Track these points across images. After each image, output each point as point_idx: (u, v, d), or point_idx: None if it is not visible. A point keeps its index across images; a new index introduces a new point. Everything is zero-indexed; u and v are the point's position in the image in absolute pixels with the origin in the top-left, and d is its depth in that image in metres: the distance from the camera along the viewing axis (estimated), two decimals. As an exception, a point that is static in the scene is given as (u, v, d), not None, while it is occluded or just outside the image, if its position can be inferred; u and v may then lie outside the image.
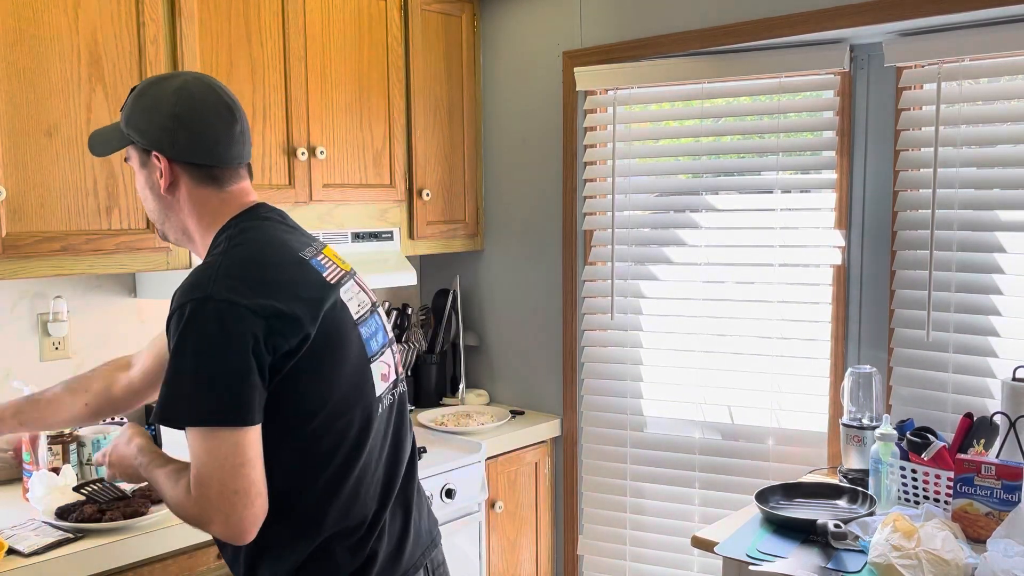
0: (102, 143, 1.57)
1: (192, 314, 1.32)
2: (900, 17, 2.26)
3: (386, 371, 1.55)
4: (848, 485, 2.24)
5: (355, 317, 1.49)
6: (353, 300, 1.51)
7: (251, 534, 1.36)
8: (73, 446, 2.23)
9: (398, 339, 3.08)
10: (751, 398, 2.68)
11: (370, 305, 1.56)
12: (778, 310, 2.62)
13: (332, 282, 1.47)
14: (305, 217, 2.59)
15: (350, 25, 2.68)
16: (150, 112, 1.47)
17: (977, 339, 2.31)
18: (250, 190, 1.56)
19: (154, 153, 1.47)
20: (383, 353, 1.55)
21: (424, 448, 2.64)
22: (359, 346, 1.48)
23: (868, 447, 2.26)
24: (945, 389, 2.36)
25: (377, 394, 1.51)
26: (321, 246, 1.56)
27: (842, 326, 2.54)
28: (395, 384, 1.59)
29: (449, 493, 2.58)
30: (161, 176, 1.48)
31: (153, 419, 1.39)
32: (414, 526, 1.58)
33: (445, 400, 3.21)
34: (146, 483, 1.59)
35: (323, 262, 1.50)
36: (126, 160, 1.56)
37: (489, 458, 2.77)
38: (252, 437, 1.33)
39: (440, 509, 2.52)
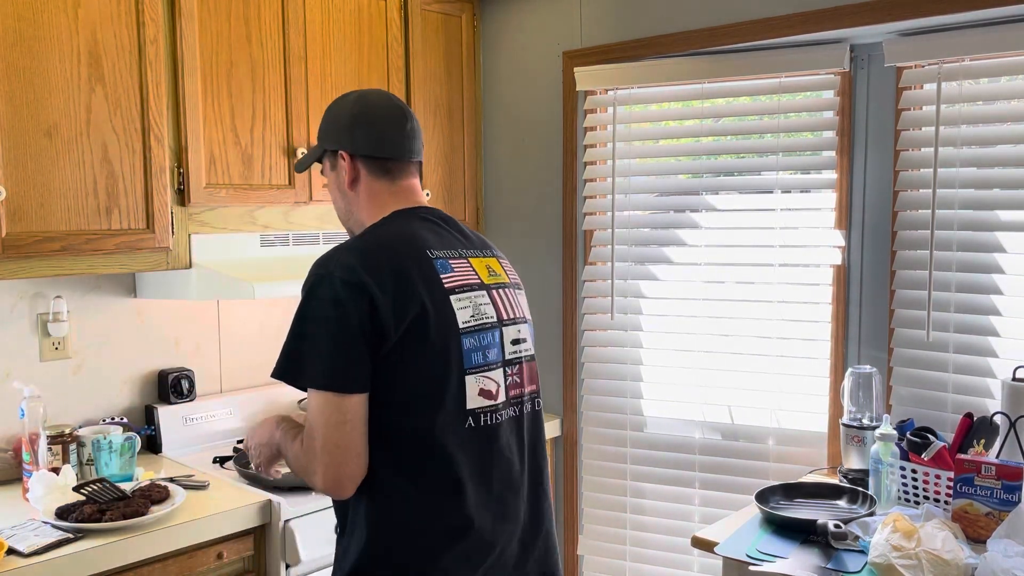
0: (301, 162, 1.79)
1: (313, 286, 1.49)
2: (900, 17, 2.26)
3: (492, 388, 1.57)
4: (848, 485, 2.24)
5: (461, 325, 1.53)
6: (467, 309, 1.55)
7: (348, 489, 1.49)
8: (73, 446, 2.23)
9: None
10: (751, 398, 2.68)
11: (495, 320, 1.60)
12: (778, 310, 2.62)
13: (447, 285, 1.54)
14: (305, 217, 2.60)
15: (350, 25, 2.68)
16: (336, 119, 1.67)
17: (977, 339, 2.31)
18: (418, 190, 1.69)
19: (340, 152, 1.65)
20: (491, 370, 1.57)
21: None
22: (455, 353, 1.51)
23: (868, 447, 2.26)
24: (945, 389, 2.36)
25: (469, 406, 1.53)
26: (471, 253, 1.65)
27: (842, 326, 2.54)
28: (509, 405, 1.60)
29: (449, 493, 2.58)
30: (346, 173, 1.65)
31: (273, 374, 1.52)
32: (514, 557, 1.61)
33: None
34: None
35: (453, 264, 1.58)
36: (322, 173, 1.73)
37: (489, 458, 2.77)
38: (353, 401, 1.45)
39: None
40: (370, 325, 1.45)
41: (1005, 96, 2.27)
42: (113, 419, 2.45)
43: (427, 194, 2.93)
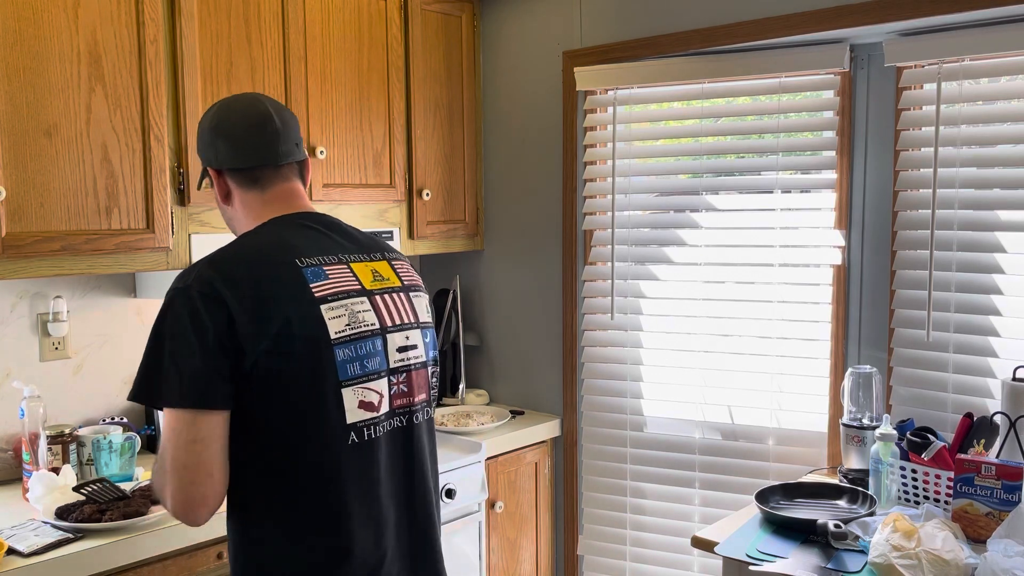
0: (199, 182, 1.70)
1: (170, 300, 1.40)
2: (900, 17, 2.26)
3: (374, 400, 1.48)
4: (848, 485, 2.24)
5: (334, 335, 1.43)
6: (342, 318, 1.45)
7: (200, 515, 1.40)
8: (73, 446, 2.23)
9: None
10: (751, 398, 2.68)
11: (376, 327, 1.50)
12: (778, 310, 2.62)
13: (317, 294, 1.44)
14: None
15: (350, 25, 2.68)
16: (200, 135, 1.61)
17: (977, 339, 2.31)
18: (299, 194, 1.60)
19: (211, 170, 1.60)
20: (371, 380, 1.48)
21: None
22: (328, 366, 1.42)
23: (868, 447, 2.26)
24: (945, 389, 2.36)
25: (349, 420, 1.44)
26: (354, 258, 1.54)
27: (842, 326, 2.54)
28: (393, 416, 1.52)
29: (449, 493, 2.58)
30: (217, 188, 1.60)
31: (129, 396, 1.44)
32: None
33: (445, 400, 3.21)
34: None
35: (328, 271, 1.48)
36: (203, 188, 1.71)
37: (489, 458, 2.77)
38: (210, 420, 1.37)
39: (440, 509, 2.51)
40: (228, 341, 1.36)
41: (1005, 96, 2.27)
42: (113, 419, 2.45)
43: (427, 194, 2.93)
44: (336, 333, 1.44)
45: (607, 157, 2.88)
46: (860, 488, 2.19)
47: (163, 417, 1.41)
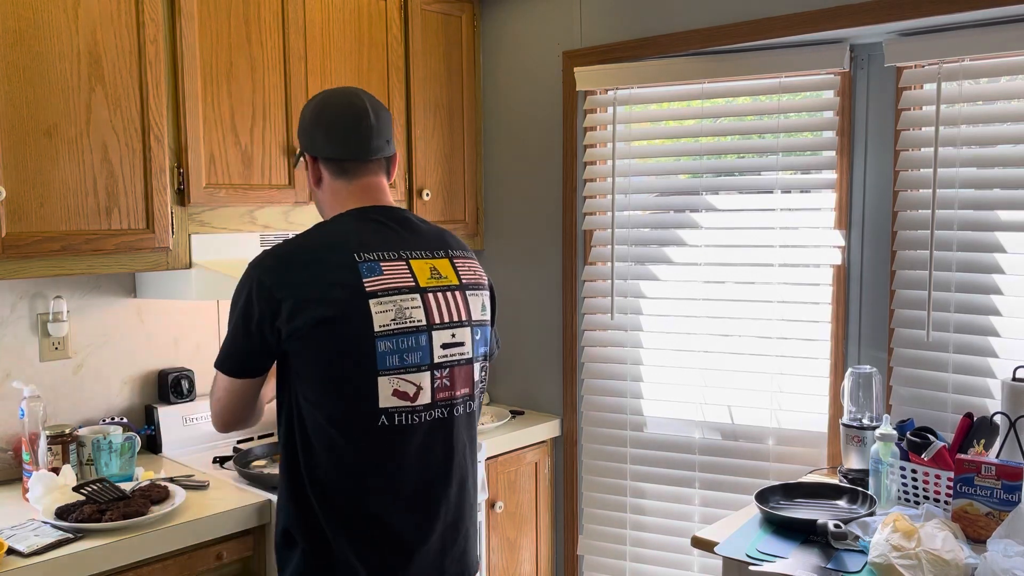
0: (296, 159, 1.91)
1: (240, 282, 1.64)
2: (900, 17, 2.26)
3: (410, 391, 1.61)
4: (848, 485, 2.24)
5: (378, 328, 1.57)
6: (389, 312, 1.59)
7: (229, 431, 1.82)
8: (73, 446, 2.23)
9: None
10: (751, 398, 2.68)
11: (423, 324, 1.63)
12: (778, 310, 2.62)
13: (368, 289, 1.58)
14: (305, 217, 2.60)
15: (350, 25, 2.68)
16: (302, 122, 1.76)
17: (977, 339, 2.31)
18: (381, 188, 1.75)
19: (307, 155, 1.76)
20: (410, 372, 1.61)
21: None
22: (367, 354, 1.57)
23: (868, 447, 2.26)
24: (945, 389, 2.36)
25: (382, 405, 1.59)
26: (415, 255, 1.68)
27: (842, 326, 2.54)
28: (435, 407, 1.66)
29: (449, 493, 2.58)
30: (311, 173, 1.76)
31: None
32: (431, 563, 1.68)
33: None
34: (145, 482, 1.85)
35: (384, 267, 1.62)
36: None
37: (489, 458, 2.77)
38: (241, 383, 1.68)
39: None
40: (271, 327, 1.59)
41: (1005, 96, 2.27)
42: (113, 419, 2.45)
43: (427, 194, 2.93)
44: (380, 326, 1.58)
45: (607, 157, 2.88)
46: (860, 488, 2.19)
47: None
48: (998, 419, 2.11)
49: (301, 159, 1.81)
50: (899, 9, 2.25)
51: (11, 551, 1.78)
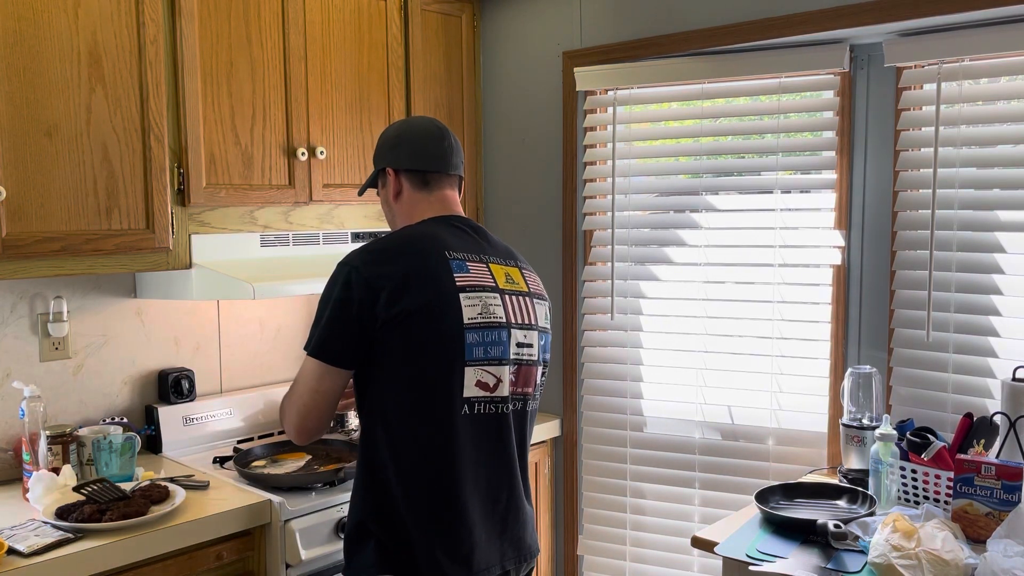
0: (362, 187, 1.99)
1: (335, 273, 1.72)
2: (900, 17, 2.26)
3: (490, 382, 1.73)
4: (848, 485, 2.24)
5: (467, 320, 1.69)
6: (476, 306, 1.71)
7: (304, 440, 1.81)
8: (73, 446, 2.23)
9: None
10: (751, 398, 2.68)
11: (503, 320, 1.74)
12: (778, 310, 2.62)
13: (458, 283, 1.70)
14: (305, 217, 2.60)
15: (350, 25, 2.68)
16: (384, 142, 1.91)
17: (977, 339, 2.31)
18: (455, 201, 1.88)
19: (387, 169, 1.87)
20: (492, 365, 1.73)
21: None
22: (456, 344, 1.68)
23: (868, 447, 2.26)
24: (945, 389, 2.36)
25: (465, 394, 1.70)
26: (492, 260, 1.80)
27: (842, 326, 2.54)
28: (510, 400, 1.77)
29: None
30: (391, 186, 1.87)
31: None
32: (486, 543, 1.76)
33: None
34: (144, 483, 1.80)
35: (470, 266, 1.74)
36: (378, 194, 1.94)
37: (489, 458, 2.77)
38: (333, 374, 1.71)
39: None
40: (369, 313, 1.66)
41: (1005, 96, 2.27)
42: (113, 419, 2.45)
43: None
44: (469, 319, 1.70)
45: (607, 157, 2.88)
46: (860, 488, 2.19)
47: (304, 362, 1.75)
48: (998, 419, 2.11)
49: (374, 183, 1.92)
50: (899, 9, 2.25)
51: (11, 551, 1.78)
